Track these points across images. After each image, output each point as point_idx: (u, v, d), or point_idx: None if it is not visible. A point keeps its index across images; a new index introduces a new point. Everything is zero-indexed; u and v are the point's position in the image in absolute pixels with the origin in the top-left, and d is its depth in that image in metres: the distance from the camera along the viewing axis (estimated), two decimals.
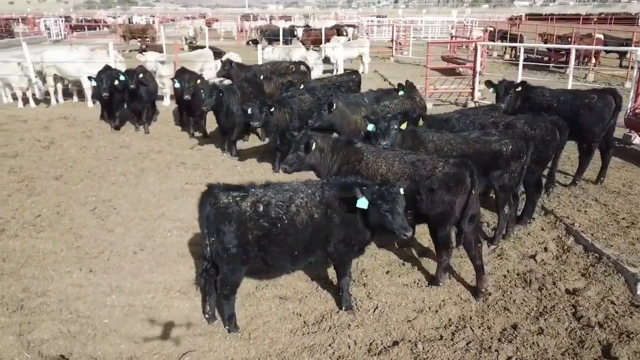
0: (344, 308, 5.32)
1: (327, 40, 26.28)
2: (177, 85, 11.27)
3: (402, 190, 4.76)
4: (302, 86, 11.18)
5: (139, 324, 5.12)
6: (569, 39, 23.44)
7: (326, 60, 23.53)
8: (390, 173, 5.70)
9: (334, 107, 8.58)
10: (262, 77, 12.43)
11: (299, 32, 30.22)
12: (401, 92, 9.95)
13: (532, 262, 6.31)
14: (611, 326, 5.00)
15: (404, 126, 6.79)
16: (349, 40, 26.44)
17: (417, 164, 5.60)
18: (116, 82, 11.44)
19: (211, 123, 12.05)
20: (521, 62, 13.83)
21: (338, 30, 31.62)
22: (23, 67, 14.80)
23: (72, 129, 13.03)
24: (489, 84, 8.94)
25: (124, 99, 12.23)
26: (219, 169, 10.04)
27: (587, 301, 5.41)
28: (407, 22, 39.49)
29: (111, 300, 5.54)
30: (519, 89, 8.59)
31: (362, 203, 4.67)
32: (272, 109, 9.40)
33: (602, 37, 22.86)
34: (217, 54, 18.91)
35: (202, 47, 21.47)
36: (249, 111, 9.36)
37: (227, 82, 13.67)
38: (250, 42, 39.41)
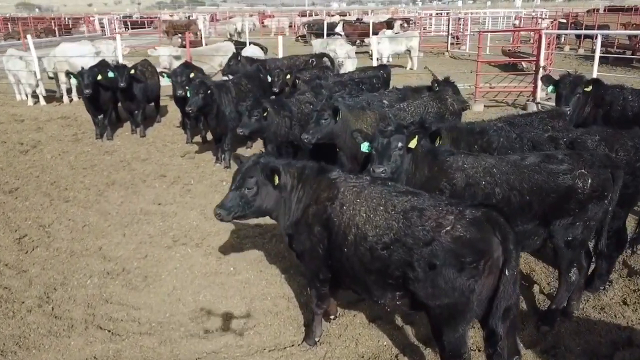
0: None
1: (375, 33, 23.98)
2: (167, 80, 9.49)
3: None
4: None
5: None
6: None
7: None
8: (369, 226, 3.51)
9: (339, 116, 6.32)
10: (274, 73, 10.35)
11: (339, 26, 27.97)
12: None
13: None
14: None
15: (413, 143, 4.54)
16: (396, 33, 23.90)
17: (410, 215, 3.37)
18: (99, 78, 9.81)
19: None
20: (597, 54, 10.94)
21: (389, 23, 29.18)
22: (27, 63, 13.68)
23: (65, 130, 11.71)
24: (546, 79, 6.45)
25: (113, 99, 10.66)
26: (202, 185, 8.16)
27: None
28: (465, 14, 36.18)
29: None
30: (590, 87, 6.02)
31: None
32: (266, 112, 7.44)
33: None
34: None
35: (242, 43, 19.89)
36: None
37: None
38: (299, 38, 37.80)
